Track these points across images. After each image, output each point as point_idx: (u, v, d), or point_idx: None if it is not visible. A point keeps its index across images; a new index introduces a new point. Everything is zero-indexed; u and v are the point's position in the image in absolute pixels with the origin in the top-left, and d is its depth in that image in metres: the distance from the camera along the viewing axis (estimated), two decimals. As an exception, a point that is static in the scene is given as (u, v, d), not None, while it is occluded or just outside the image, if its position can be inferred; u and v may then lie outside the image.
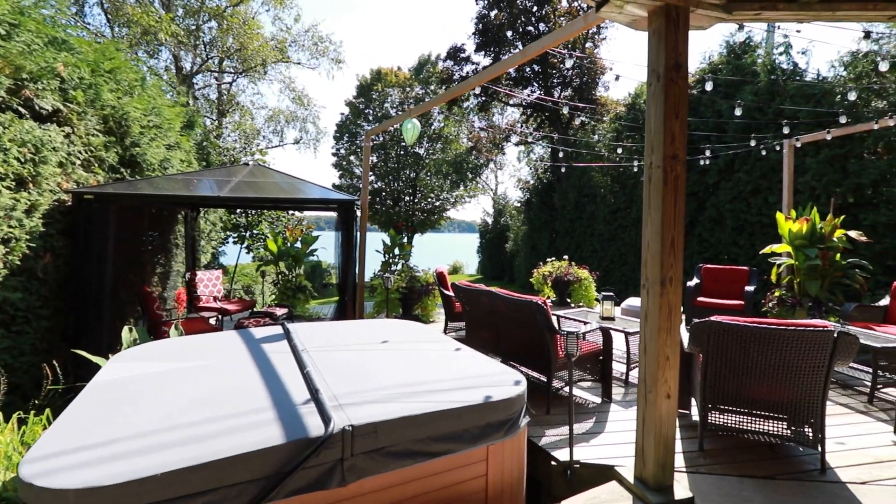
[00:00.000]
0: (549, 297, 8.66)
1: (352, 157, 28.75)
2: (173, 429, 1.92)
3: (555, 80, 21.65)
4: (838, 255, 5.75)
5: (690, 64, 5.62)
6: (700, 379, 2.92)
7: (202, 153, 10.59)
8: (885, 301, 5.30)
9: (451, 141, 29.16)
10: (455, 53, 22.30)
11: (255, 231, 11.00)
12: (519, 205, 24.35)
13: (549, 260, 8.87)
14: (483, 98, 23.59)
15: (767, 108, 9.33)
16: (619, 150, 14.29)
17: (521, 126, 27.31)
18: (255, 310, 6.50)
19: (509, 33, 20.68)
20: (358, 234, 6.14)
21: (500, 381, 2.54)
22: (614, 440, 3.07)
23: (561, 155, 17.09)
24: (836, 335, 2.54)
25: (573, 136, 18.68)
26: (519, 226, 22.70)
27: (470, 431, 2.18)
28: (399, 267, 7.92)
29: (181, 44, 15.89)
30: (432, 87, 27.97)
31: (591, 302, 8.15)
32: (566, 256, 9.04)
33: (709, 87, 5.13)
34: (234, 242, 10.86)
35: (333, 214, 6.29)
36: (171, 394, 2.29)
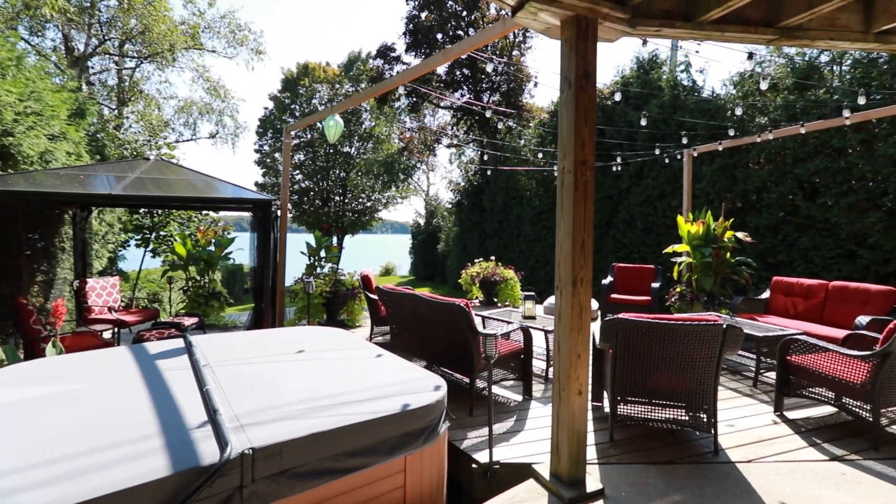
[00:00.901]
0: (477, 298, 8.81)
1: (276, 155, 27.34)
2: (36, 466, 1.64)
3: (483, 85, 22.14)
4: (728, 254, 6.43)
5: (606, 77, 6.04)
6: (610, 373, 3.08)
7: (96, 145, 9.45)
8: (766, 294, 6.01)
9: (382, 141, 28.78)
10: (385, 52, 22.04)
11: (162, 233, 10.03)
12: (450, 206, 24.61)
13: (476, 261, 9.02)
14: (414, 99, 23.55)
15: (671, 120, 10.22)
16: (540, 155, 14.92)
17: (452, 129, 27.64)
18: (158, 320, 5.88)
19: (439, 36, 20.82)
20: (277, 235, 5.79)
21: (420, 387, 2.49)
22: (534, 437, 3.14)
23: (485, 158, 17.51)
24: (724, 328, 2.80)
25: (501, 141, 19.25)
26: (450, 227, 22.92)
27: (386, 443, 2.09)
28: (325, 270, 7.62)
29: (72, 21, 14.09)
30: (363, 85, 27.43)
31: (517, 301, 8.41)
32: (493, 257, 9.25)
33: (618, 97, 5.50)
34: (137, 245, 9.82)
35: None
36: (39, 424, 1.96)
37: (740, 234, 6.49)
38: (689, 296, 6.43)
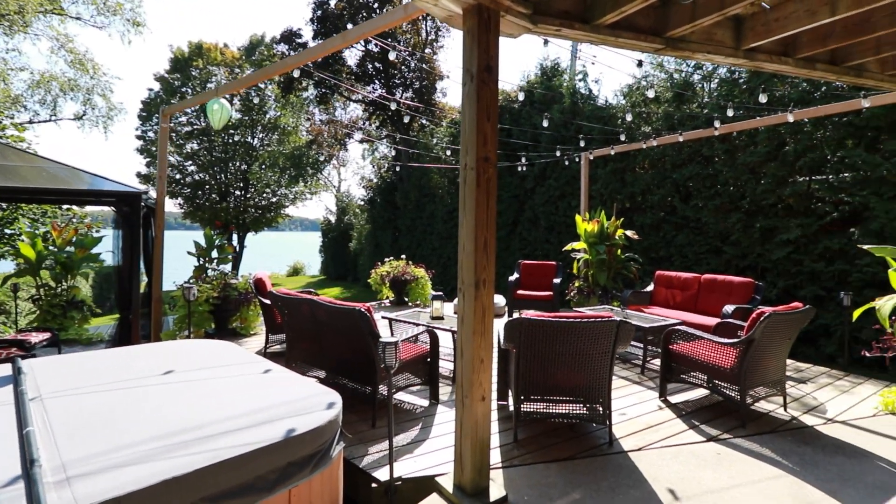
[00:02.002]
0: (387, 298, 8.56)
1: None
2: None
3: (396, 81, 21.83)
4: (619, 251, 6.95)
5: (513, 79, 6.16)
6: (514, 372, 3.06)
7: None
8: (651, 287, 6.57)
9: (288, 132, 27.06)
10: (290, 37, 20.71)
11: (7, 231, 8.32)
12: (363, 203, 23.94)
13: (387, 260, 8.76)
14: (323, 90, 22.49)
15: (570, 125, 10.86)
16: (448, 153, 15.04)
17: (364, 123, 26.91)
18: (-6, 337, 4.77)
19: (350, 25, 20.06)
20: (147, 233, 5.01)
21: (311, 406, 2.21)
22: (440, 445, 3.02)
23: (394, 153, 17.28)
24: (618, 324, 2.91)
25: (414, 138, 19.12)
26: (363, 224, 22.29)
27: (265, 478, 1.80)
28: (219, 272, 6.83)
29: None
30: None
31: (428, 300, 8.32)
32: (403, 256, 9.06)
33: (521, 96, 5.60)
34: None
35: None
36: None
37: (629, 232, 7.04)
38: (586, 290, 6.83)
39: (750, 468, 2.81)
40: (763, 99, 4.34)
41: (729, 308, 5.15)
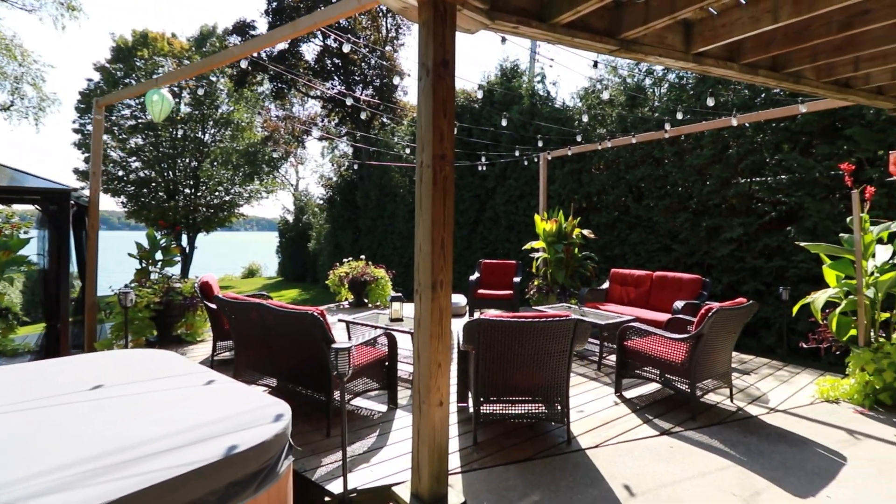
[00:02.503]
0: (346, 299, 8.35)
1: (105, 137, 22.73)
2: None
3: (356, 78, 21.44)
4: (576, 250, 7.09)
5: (474, 80, 6.14)
6: (473, 373, 3.02)
7: None
8: (606, 285, 6.75)
9: (243, 128, 25.96)
10: (243, 29, 19.86)
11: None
12: (322, 202, 23.34)
13: (345, 260, 8.54)
14: (278, 84, 21.76)
15: (529, 126, 11.01)
16: (408, 151, 14.93)
17: (323, 120, 26.25)
18: None
19: (305, 19, 19.50)
20: (80, 234, 4.60)
21: (255, 419, 2.07)
22: (398, 452, 2.93)
23: (350, 151, 16.98)
24: (575, 323, 2.92)
25: (375, 136, 18.84)
26: (322, 224, 21.75)
27: (203, 502, 1.65)
28: (168, 275, 6.39)
29: None
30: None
31: (388, 302, 8.18)
32: (363, 256, 8.87)
33: (479, 94, 5.58)
34: None
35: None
36: None
37: (586, 232, 7.20)
38: (545, 289, 6.92)
39: (701, 460, 2.90)
40: (710, 103, 4.52)
41: (679, 304, 5.35)
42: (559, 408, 3.09)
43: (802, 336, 6.54)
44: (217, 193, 25.74)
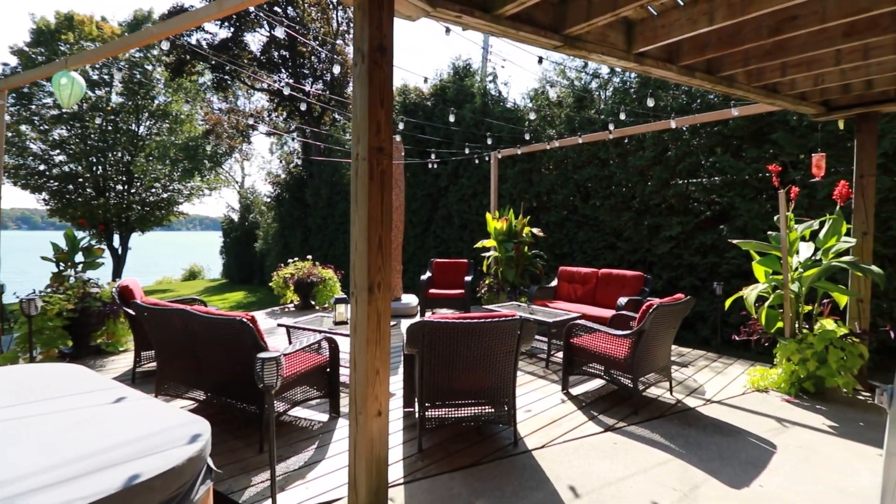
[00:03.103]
0: (292, 302, 7.97)
1: (23, 127, 20.54)
2: None
3: (305, 71, 20.73)
4: (526, 248, 7.14)
5: (427, 76, 5.98)
6: (418, 378, 2.89)
7: None
8: (555, 282, 6.84)
9: (182, 121, 24.35)
10: (180, 13, 18.62)
11: None
12: (269, 200, 22.35)
13: (291, 260, 8.15)
14: (220, 75, 20.62)
15: (482, 125, 11.04)
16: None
17: (270, 115, 25.16)
18: None
19: (251, 7, 18.56)
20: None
21: (165, 442, 1.83)
22: (338, 465, 2.75)
23: (299, 147, 16.41)
24: (521, 322, 2.87)
25: (326, 132, 18.26)
26: (269, 223, 20.85)
27: (91, 542, 1.41)
28: (78, 280, 5.75)
29: None
30: (154, 52, 22.60)
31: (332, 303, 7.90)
32: (310, 256, 8.50)
33: (426, 87, 5.45)
34: None
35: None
36: None
37: (535, 230, 7.27)
38: (496, 287, 6.92)
39: (642, 455, 2.93)
40: (650, 103, 4.66)
41: (622, 300, 5.49)
42: (506, 409, 3.02)
43: (734, 328, 6.94)
44: (153, 190, 24.01)
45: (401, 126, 12.85)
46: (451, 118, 6.33)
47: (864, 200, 4.23)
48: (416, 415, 3.11)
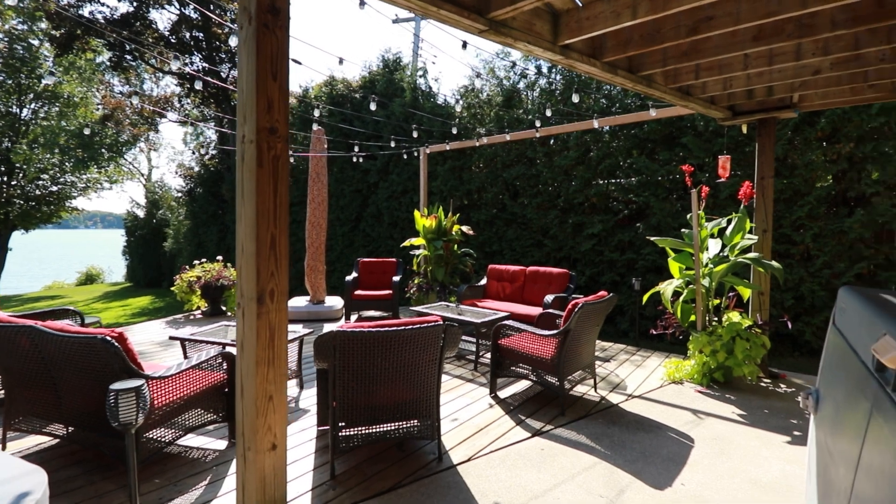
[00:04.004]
0: (199, 308, 7.17)
1: None
2: None
3: (222, 55, 19.14)
4: (456, 246, 6.99)
5: (355, 70, 5.61)
6: (330, 395, 2.56)
7: None
8: (484, 281, 6.76)
9: (75, 104, 21.40)
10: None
11: None
12: (181, 195, 20.36)
13: (197, 262, 7.33)
14: (120, 54, 18.44)
15: (411, 120, 10.76)
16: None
17: (181, 101, 22.97)
18: None
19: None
20: None
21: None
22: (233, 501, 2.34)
23: (209, 134, 15.16)
24: (445, 328, 2.64)
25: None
26: (181, 220, 19.04)
27: None
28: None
29: None
30: (42, 26, 19.54)
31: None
32: (220, 257, 7.72)
33: (353, 78, 5.05)
34: None
35: None
36: None
37: (465, 228, 7.14)
38: (425, 287, 6.69)
39: (570, 461, 2.85)
40: (575, 99, 4.69)
41: (549, 298, 5.50)
42: (430, 422, 2.79)
43: (651, 320, 7.31)
44: (40, 182, 20.92)
45: (315, 112, 12.22)
46: (373, 106, 5.98)
47: (764, 200, 4.54)
48: (329, 436, 2.78)
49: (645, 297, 5.03)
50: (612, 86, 8.42)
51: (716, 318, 4.44)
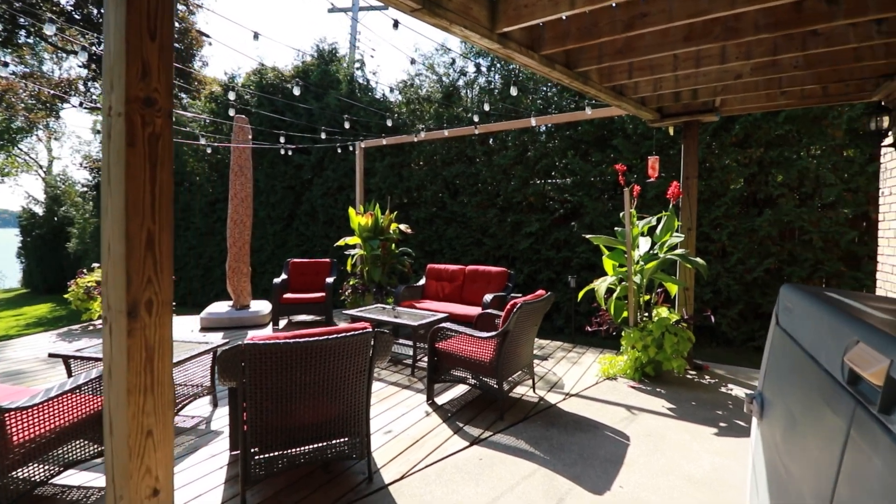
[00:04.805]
0: (101, 317, 6.31)
1: None
2: None
3: (135, 37, 17.33)
4: (393, 245, 6.72)
5: (286, 59, 5.14)
6: (241, 418, 2.23)
7: None
8: (423, 281, 6.55)
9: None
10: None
11: None
12: (87, 190, 18.21)
13: (96, 265, 6.47)
14: (10, 28, 16.21)
15: (348, 113, 10.31)
16: (211, 129, 12.76)
17: (87, 86, 20.59)
18: None
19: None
20: None
21: None
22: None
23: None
24: (374, 335, 2.40)
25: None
26: (87, 218, 17.06)
27: None
28: None
29: None
30: None
31: (166, 313, 6.50)
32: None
33: (285, 67, 4.63)
34: None
35: None
36: None
37: (403, 226, 6.89)
38: (360, 288, 6.36)
39: (509, 470, 2.71)
40: (514, 92, 4.59)
41: (488, 297, 5.41)
42: (358, 439, 2.53)
43: (585, 316, 7.50)
44: None
45: (232, 96, 11.46)
46: (296, 90, 5.57)
47: (689, 200, 4.72)
48: (240, 464, 2.43)
49: (580, 295, 5.08)
50: (548, 88, 8.56)
51: (646, 314, 4.55)
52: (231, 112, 6.64)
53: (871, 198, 6.14)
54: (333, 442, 2.46)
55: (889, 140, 3.74)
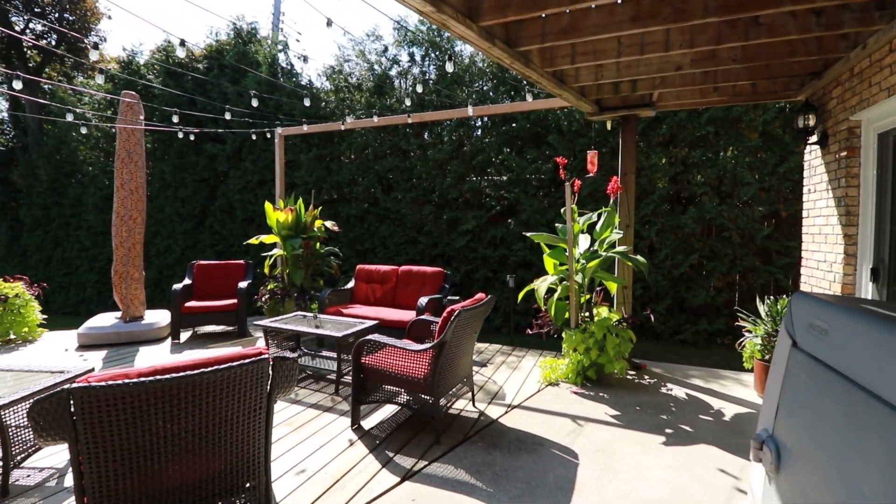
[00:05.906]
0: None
1: None
2: None
3: (17, 3, 15.07)
4: (318, 244, 6.07)
5: (197, 37, 4.30)
6: (77, 487, 1.60)
7: None
8: (352, 283, 5.98)
9: None
10: None
11: None
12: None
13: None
14: None
15: (269, 101, 9.37)
16: (110, 113, 11.17)
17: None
18: None
19: None
20: None
21: None
22: None
23: (5, 108, 11.80)
24: (273, 364, 1.86)
25: (48, 89, 13.34)
26: None
27: None
28: None
29: None
30: None
31: (35, 331, 5.36)
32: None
33: (196, 47, 3.85)
34: None
35: None
36: None
37: (329, 223, 6.26)
38: (280, 292, 5.65)
39: (447, 509, 2.30)
40: (450, 68, 4.20)
41: (423, 300, 4.99)
42: (257, 494, 1.97)
43: (523, 315, 7.32)
44: None
45: (144, 82, 10.19)
46: (200, 65, 4.75)
47: (627, 196, 4.61)
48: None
49: (520, 296, 4.81)
50: (484, 82, 8.30)
51: (587, 314, 4.37)
52: (124, 92, 5.60)
53: (780, 196, 6.52)
54: (220, 503, 1.88)
55: (814, 138, 3.81)
